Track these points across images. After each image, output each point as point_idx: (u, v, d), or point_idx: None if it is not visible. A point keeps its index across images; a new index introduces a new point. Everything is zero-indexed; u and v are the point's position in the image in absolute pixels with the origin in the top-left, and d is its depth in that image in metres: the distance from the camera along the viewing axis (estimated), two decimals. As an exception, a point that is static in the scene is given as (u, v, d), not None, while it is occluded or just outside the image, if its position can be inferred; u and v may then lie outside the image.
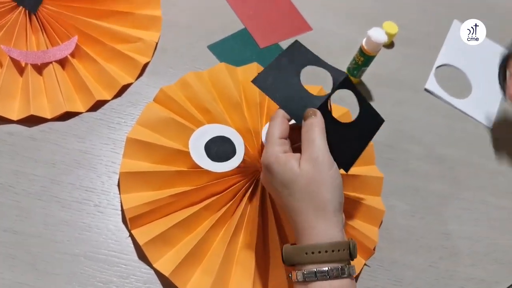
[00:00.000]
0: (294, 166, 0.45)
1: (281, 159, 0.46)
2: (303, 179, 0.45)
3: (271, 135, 0.48)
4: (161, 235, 0.54)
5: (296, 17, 0.77)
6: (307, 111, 0.48)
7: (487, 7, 0.90)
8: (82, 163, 0.58)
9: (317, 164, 0.45)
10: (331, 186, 0.45)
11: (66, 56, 0.61)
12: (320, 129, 0.47)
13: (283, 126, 0.49)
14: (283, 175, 0.46)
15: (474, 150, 0.72)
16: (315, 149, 0.46)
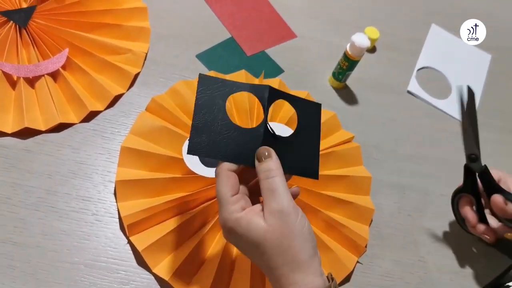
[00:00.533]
0: (259, 224, 0.42)
1: (242, 221, 0.42)
2: (273, 236, 0.42)
3: (223, 196, 0.44)
4: (159, 240, 0.55)
5: (281, 25, 0.79)
6: (259, 152, 0.45)
7: (462, 12, 0.94)
8: (78, 173, 0.58)
9: (283, 215, 0.42)
10: (301, 236, 0.42)
11: (57, 68, 0.62)
12: (279, 174, 0.43)
13: (231, 181, 0.44)
14: (249, 236, 0.42)
15: (456, 148, 0.75)
16: (279, 199, 0.42)
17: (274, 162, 0.44)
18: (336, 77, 0.73)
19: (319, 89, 0.74)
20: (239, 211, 0.43)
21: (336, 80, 0.74)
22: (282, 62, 0.75)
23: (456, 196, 0.63)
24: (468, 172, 0.59)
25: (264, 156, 0.44)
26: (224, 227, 0.44)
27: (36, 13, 0.65)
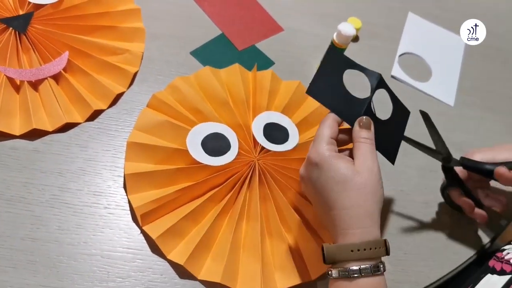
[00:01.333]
0: (350, 166, 0.48)
1: (334, 158, 0.49)
2: (361, 180, 0.48)
3: (322, 134, 0.51)
4: (171, 228, 0.57)
5: (267, 20, 0.83)
6: (363, 120, 0.52)
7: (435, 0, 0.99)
8: (87, 169, 0.61)
9: (373, 172, 0.49)
10: (380, 192, 0.49)
11: (59, 71, 0.64)
12: (373, 144, 0.51)
13: (333, 128, 0.51)
14: (337, 172, 0.48)
15: (440, 127, 0.79)
16: (372, 160, 0.49)
17: (372, 133, 0.52)
18: (324, 66, 0.77)
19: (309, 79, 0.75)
20: (333, 151, 0.50)
21: (325, 69, 0.77)
22: (272, 55, 0.78)
23: (445, 191, 0.67)
24: (447, 170, 0.62)
25: (366, 125, 0.51)
26: (313, 159, 0.50)
27: (34, 19, 0.66)
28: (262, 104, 0.70)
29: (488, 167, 0.59)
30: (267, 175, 0.63)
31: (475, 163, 0.60)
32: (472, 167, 0.61)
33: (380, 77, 0.56)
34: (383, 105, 0.58)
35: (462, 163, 0.61)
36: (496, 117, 0.84)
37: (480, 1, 1.02)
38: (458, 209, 0.67)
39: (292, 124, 0.69)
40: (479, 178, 0.64)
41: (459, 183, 0.63)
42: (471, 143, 0.78)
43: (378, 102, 0.56)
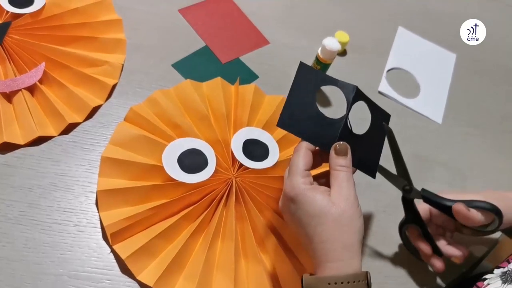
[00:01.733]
0: (325, 199, 0.47)
1: (309, 191, 0.48)
2: (337, 211, 0.46)
3: (296, 166, 0.49)
4: (142, 247, 0.56)
5: (253, 32, 0.81)
6: (339, 147, 0.50)
7: (426, 14, 0.98)
8: (59, 185, 0.59)
9: (349, 201, 0.47)
10: (359, 222, 0.47)
11: (35, 82, 0.63)
12: (350, 171, 0.49)
13: (307, 158, 0.50)
14: (312, 205, 0.47)
15: (426, 145, 0.78)
16: (348, 189, 0.48)
17: (349, 160, 0.50)
18: (309, 81, 0.76)
19: None
20: (308, 184, 0.49)
21: (309, 84, 0.76)
22: (256, 68, 0.77)
23: (403, 228, 0.62)
24: (407, 203, 0.58)
25: (342, 151, 0.50)
26: (288, 194, 0.49)
27: (11, 29, 0.65)
28: (243, 119, 0.68)
29: (447, 203, 0.55)
30: (244, 194, 0.61)
31: (435, 197, 0.57)
32: (432, 201, 0.57)
33: (356, 89, 0.54)
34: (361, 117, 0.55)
35: (422, 195, 0.57)
36: (484, 135, 0.82)
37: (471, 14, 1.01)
38: (414, 252, 0.62)
39: (273, 141, 0.67)
40: (442, 222, 0.61)
41: (419, 221, 0.58)
42: (457, 161, 0.77)
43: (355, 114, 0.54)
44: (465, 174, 0.76)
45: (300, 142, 0.52)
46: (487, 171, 0.77)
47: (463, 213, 0.54)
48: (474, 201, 0.56)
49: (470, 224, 0.56)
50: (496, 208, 0.55)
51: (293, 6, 0.89)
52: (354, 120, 0.54)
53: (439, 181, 0.74)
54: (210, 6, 0.82)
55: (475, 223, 0.55)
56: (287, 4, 0.89)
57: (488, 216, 0.55)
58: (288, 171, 0.51)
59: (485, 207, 0.55)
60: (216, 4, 0.83)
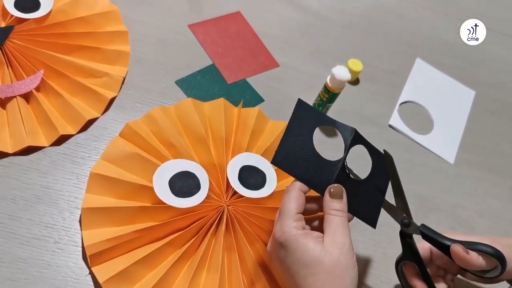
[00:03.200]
0: (318, 247, 0.44)
1: (301, 237, 0.45)
2: (330, 261, 0.43)
3: (288, 209, 0.47)
4: (122, 272, 0.53)
5: (264, 54, 0.79)
6: (334, 189, 0.47)
7: (446, 47, 0.94)
8: (43, 198, 0.57)
9: (344, 249, 0.44)
10: (353, 272, 0.44)
11: (31, 90, 0.61)
12: (345, 216, 0.47)
13: (299, 201, 0.47)
14: (304, 253, 0.44)
15: (436, 186, 0.74)
16: (343, 235, 0.45)
17: (344, 204, 0.47)
18: (316, 109, 0.73)
19: None
20: (300, 228, 0.45)
21: (316, 112, 0.73)
22: (262, 91, 0.74)
23: (399, 265, 0.58)
24: (405, 238, 0.55)
25: (337, 195, 0.47)
26: (278, 239, 0.46)
27: (13, 33, 0.64)
28: (243, 144, 0.65)
29: (447, 242, 0.52)
30: (235, 223, 0.58)
31: (434, 234, 0.53)
32: (431, 238, 0.53)
33: (354, 131, 0.52)
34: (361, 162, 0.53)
35: (421, 231, 0.53)
36: (497, 180, 0.78)
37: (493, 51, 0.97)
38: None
39: (272, 169, 0.64)
40: (443, 263, 0.57)
41: (416, 258, 0.55)
42: (465, 207, 0.73)
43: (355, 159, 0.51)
44: (472, 222, 0.72)
45: (293, 181, 0.49)
46: (496, 220, 0.73)
47: (461, 255, 0.50)
48: (477, 244, 0.52)
49: (469, 268, 0.52)
50: (500, 254, 0.51)
51: (307, 29, 0.86)
52: (353, 164, 0.51)
53: (443, 225, 0.69)
54: (221, 24, 0.80)
55: (474, 267, 0.51)
56: (301, 27, 0.86)
57: (490, 261, 0.52)
58: (279, 213, 0.48)
59: (487, 252, 0.51)
60: (228, 22, 0.81)
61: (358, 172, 0.53)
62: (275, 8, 0.87)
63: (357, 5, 0.94)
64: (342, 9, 0.92)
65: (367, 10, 0.94)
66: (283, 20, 0.86)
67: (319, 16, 0.89)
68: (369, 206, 0.52)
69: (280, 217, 0.47)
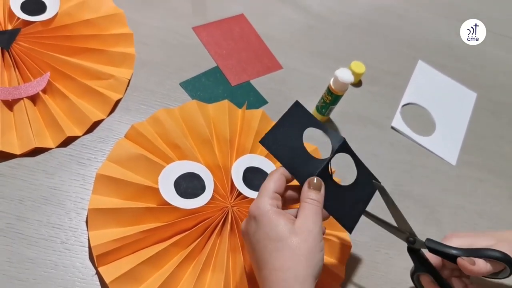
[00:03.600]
0: (288, 224, 0.45)
1: (273, 213, 0.45)
2: (297, 240, 0.44)
3: (267, 187, 0.48)
4: (128, 272, 0.54)
5: (267, 56, 0.79)
6: (313, 180, 0.48)
7: (448, 49, 0.95)
8: (50, 199, 0.57)
9: (312, 233, 0.45)
10: (319, 256, 0.45)
11: (37, 92, 0.62)
12: (321, 206, 0.48)
13: (279, 182, 0.48)
14: (273, 229, 0.45)
15: (437, 187, 0.74)
16: (314, 222, 0.46)
17: (321, 196, 0.48)
18: (319, 111, 0.73)
19: None
20: (274, 206, 0.46)
21: (319, 114, 0.74)
22: (266, 93, 0.75)
23: (414, 277, 0.58)
24: (414, 253, 0.56)
25: (316, 187, 0.48)
26: (252, 212, 0.47)
27: (20, 36, 0.64)
28: (247, 145, 0.66)
29: (453, 252, 0.52)
30: (240, 224, 0.58)
31: (440, 246, 0.53)
32: (438, 251, 0.53)
33: (343, 140, 0.53)
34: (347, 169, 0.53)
35: (427, 246, 0.54)
36: (498, 181, 0.78)
37: (494, 54, 0.98)
38: None
39: (275, 170, 0.64)
40: (455, 267, 0.57)
41: (429, 268, 0.55)
42: (467, 208, 0.73)
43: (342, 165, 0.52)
44: (474, 223, 0.72)
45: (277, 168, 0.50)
46: (497, 221, 0.73)
47: (468, 268, 0.51)
48: (483, 250, 0.52)
49: (479, 276, 0.52)
50: (507, 257, 0.51)
51: (310, 31, 0.87)
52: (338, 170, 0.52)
53: (446, 226, 0.70)
54: (225, 26, 0.81)
55: (482, 275, 0.52)
56: (304, 30, 0.87)
57: (497, 265, 0.52)
58: (258, 192, 0.49)
59: (494, 257, 0.52)
60: (232, 24, 0.81)
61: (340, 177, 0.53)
62: (278, 10, 0.88)
63: (358, 6, 0.95)
64: (344, 11, 0.93)
65: (368, 12, 0.95)
66: (285, 22, 0.87)
67: (321, 18, 0.90)
68: (347, 211, 0.52)
69: (259, 194, 0.48)
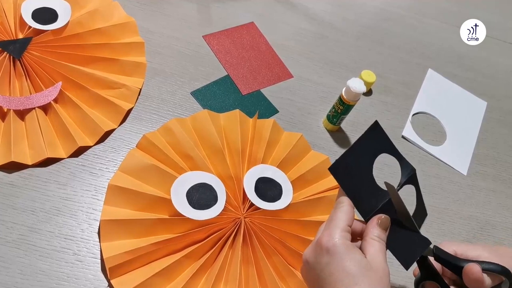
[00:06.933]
0: (364, 260, 0.44)
1: (348, 247, 0.44)
2: (375, 276, 0.43)
3: (339, 220, 0.46)
4: (141, 284, 0.53)
5: (278, 65, 0.79)
6: (382, 219, 0.47)
7: (458, 58, 0.94)
8: (62, 210, 0.57)
9: (385, 271, 0.44)
10: None
11: (49, 101, 0.61)
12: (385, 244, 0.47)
13: (350, 215, 0.47)
14: (351, 262, 0.44)
15: (449, 197, 0.74)
16: (383, 260, 0.45)
17: (386, 236, 0.47)
18: (330, 120, 0.73)
19: (313, 131, 0.74)
20: (347, 239, 0.45)
21: (330, 123, 0.73)
22: (277, 102, 0.75)
23: (419, 285, 0.56)
24: (420, 260, 0.53)
25: (384, 225, 0.47)
26: (324, 244, 0.45)
27: (31, 45, 0.64)
28: (259, 155, 0.66)
29: (461, 263, 0.51)
30: (252, 235, 0.58)
31: (447, 256, 0.52)
32: (444, 260, 0.52)
33: (413, 172, 0.52)
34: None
35: (435, 253, 0.52)
36: (510, 191, 0.78)
37: (505, 64, 0.97)
38: None
39: (287, 181, 0.64)
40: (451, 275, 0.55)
41: (435, 276, 0.53)
42: (479, 218, 0.73)
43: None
44: (486, 233, 0.72)
45: (339, 197, 0.49)
46: (510, 232, 0.73)
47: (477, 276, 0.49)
48: (481, 263, 0.51)
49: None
50: (506, 270, 0.50)
51: (321, 41, 0.87)
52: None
53: (457, 237, 0.70)
54: (235, 35, 0.80)
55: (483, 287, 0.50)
56: (315, 39, 0.87)
57: (496, 278, 0.51)
58: (328, 222, 0.47)
59: (494, 270, 0.50)
60: (242, 33, 0.81)
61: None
62: (288, 19, 0.87)
63: (368, 17, 0.95)
64: (354, 21, 0.93)
65: (379, 21, 0.95)
66: (296, 31, 0.86)
67: (331, 28, 0.90)
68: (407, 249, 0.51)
69: (329, 224, 0.47)
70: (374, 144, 0.50)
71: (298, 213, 0.63)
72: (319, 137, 0.74)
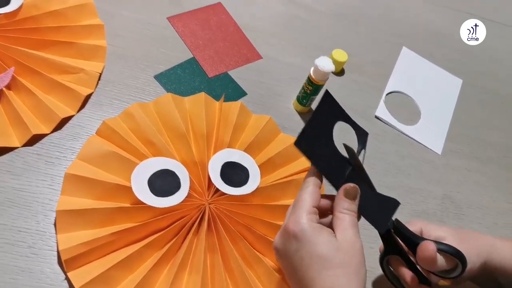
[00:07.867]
0: (333, 240, 0.43)
1: (315, 229, 0.43)
2: (345, 257, 0.42)
3: (304, 202, 0.45)
4: (99, 276, 0.51)
5: (246, 46, 0.77)
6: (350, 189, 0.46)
7: (433, 36, 0.93)
8: (16, 201, 0.54)
9: (355, 249, 0.43)
10: (364, 271, 0.43)
11: (1, 88, 0.58)
12: (356, 216, 0.46)
13: (315, 195, 0.46)
14: (319, 246, 0.42)
15: (421, 176, 0.72)
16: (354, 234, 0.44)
17: (355, 205, 0.46)
18: (300, 101, 0.71)
19: (283, 113, 0.71)
20: (314, 221, 0.44)
21: (300, 105, 0.71)
22: (245, 85, 0.72)
23: (384, 260, 0.55)
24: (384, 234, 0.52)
25: (351, 196, 0.46)
26: (291, 230, 0.44)
27: (-19, 29, 0.61)
28: (225, 139, 0.63)
29: (418, 240, 0.50)
30: (218, 222, 0.56)
31: (406, 230, 0.51)
32: (402, 234, 0.51)
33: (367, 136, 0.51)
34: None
35: (395, 225, 0.51)
36: (485, 169, 0.76)
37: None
38: (399, 285, 0.55)
39: (255, 165, 0.62)
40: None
41: (399, 250, 0.52)
42: (453, 197, 0.71)
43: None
44: (461, 212, 0.70)
45: (306, 179, 0.47)
46: (485, 211, 0.72)
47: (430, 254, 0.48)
48: (440, 243, 0.50)
49: (430, 268, 0.50)
50: (460, 254, 0.49)
51: (290, 20, 0.84)
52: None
53: (431, 217, 0.68)
54: (202, 16, 0.77)
55: (435, 268, 0.49)
56: (285, 18, 0.84)
57: (450, 261, 0.49)
58: (293, 207, 0.46)
59: (449, 252, 0.49)
60: (209, 14, 0.78)
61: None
62: (257, -1, 0.85)
63: (341, -6, 0.93)
64: (327, 0, 0.90)
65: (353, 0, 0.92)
66: (266, 11, 0.84)
67: (304, 7, 0.87)
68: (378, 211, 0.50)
69: (294, 209, 0.45)
70: (330, 114, 0.50)
71: (266, 198, 0.61)
72: (289, 119, 0.71)
